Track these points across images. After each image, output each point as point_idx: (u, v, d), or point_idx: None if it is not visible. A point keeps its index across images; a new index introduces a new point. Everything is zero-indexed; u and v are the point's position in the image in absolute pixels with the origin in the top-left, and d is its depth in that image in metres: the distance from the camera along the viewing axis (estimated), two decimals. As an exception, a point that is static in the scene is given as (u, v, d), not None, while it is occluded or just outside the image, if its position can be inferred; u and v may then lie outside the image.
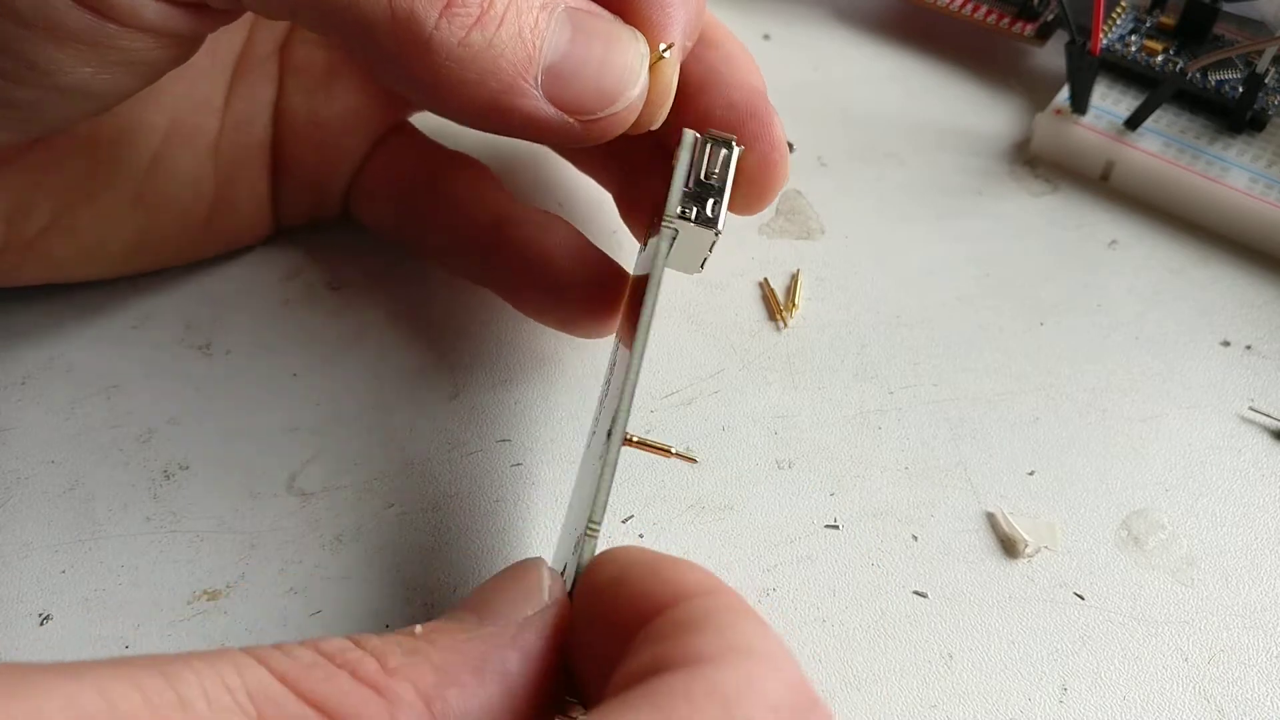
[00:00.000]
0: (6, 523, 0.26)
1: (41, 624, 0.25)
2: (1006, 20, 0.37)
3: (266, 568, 0.26)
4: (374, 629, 0.25)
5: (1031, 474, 0.28)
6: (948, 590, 0.26)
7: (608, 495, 0.20)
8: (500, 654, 0.17)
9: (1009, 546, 0.27)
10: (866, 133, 0.36)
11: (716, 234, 0.24)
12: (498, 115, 0.22)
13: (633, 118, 0.23)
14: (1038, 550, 0.27)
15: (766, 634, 0.16)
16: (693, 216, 0.23)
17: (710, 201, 0.24)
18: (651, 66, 0.23)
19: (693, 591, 0.17)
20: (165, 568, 0.26)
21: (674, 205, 0.23)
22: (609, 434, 0.21)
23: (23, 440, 0.28)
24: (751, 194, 0.26)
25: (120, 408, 0.29)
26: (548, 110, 0.22)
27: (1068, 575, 0.26)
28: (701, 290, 0.32)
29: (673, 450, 0.23)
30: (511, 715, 0.17)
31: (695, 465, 0.28)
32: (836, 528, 0.27)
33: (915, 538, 0.27)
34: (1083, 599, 0.26)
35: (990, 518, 0.27)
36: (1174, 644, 0.25)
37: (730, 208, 0.24)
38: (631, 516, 0.27)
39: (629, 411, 0.21)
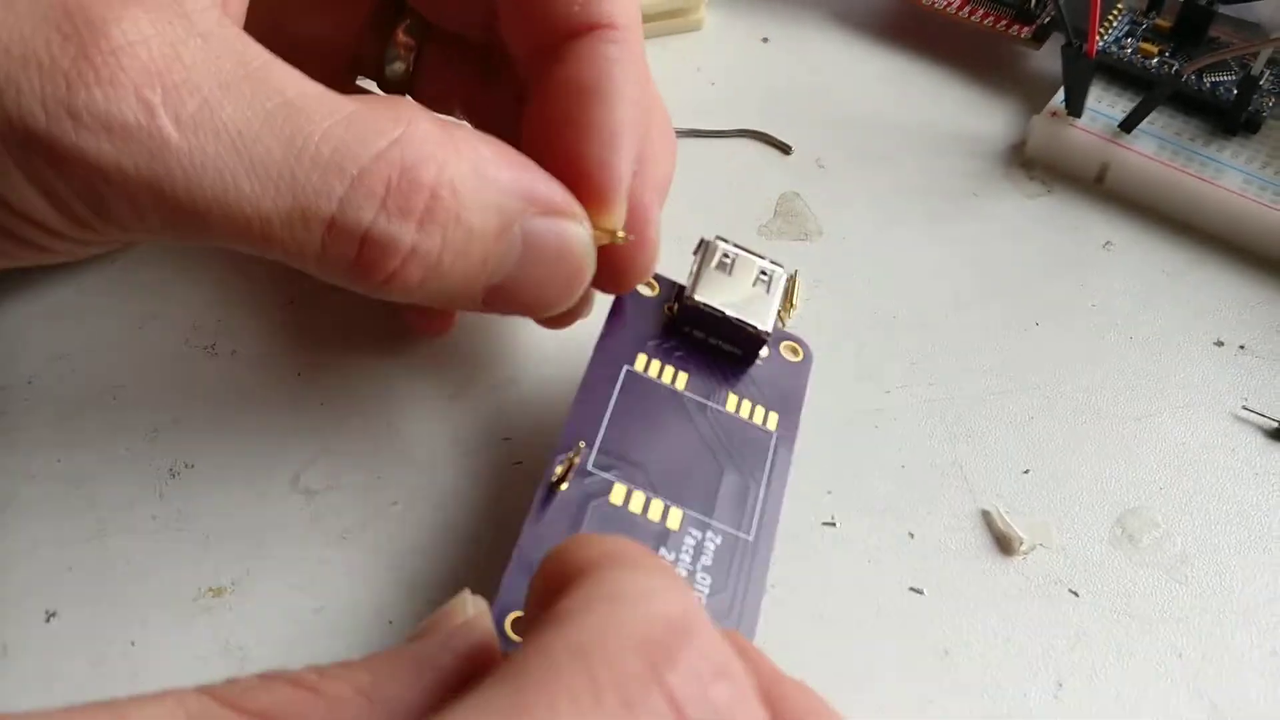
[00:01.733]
0: (13, 521, 0.27)
1: (48, 621, 0.25)
2: (1003, 23, 0.38)
3: (271, 565, 0.26)
4: (377, 626, 0.25)
5: (1027, 472, 0.28)
6: (944, 587, 0.26)
7: (522, 534, 0.23)
8: (433, 656, 0.17)
9: (1004, 544, 0.27)
10: (864, 135, 0.37)
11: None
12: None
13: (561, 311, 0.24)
14: (1033, 548, 0.27)
15: (645, 576, 0.16)
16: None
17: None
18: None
19: (589, 561, 0.17)
20: (170, 565, 0.26)
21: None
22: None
23: (29, 439, 0.28)
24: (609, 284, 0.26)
25: (126, 407, 0.29)
26: (479, 309, 0.23)
27: (1063, 572, 0.27)
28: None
29: (569, 457, 0.24)
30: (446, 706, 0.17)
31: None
32: (834, 525, 0.27)
33: (912, 535, 0.27)
34: (1077, 596, 0.26)
35: (986, 515, 0.28)
36: (1168, 641, 0.26)
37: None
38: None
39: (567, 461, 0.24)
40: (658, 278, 0.28)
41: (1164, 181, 0.34)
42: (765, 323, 0.27)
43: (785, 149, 0.36)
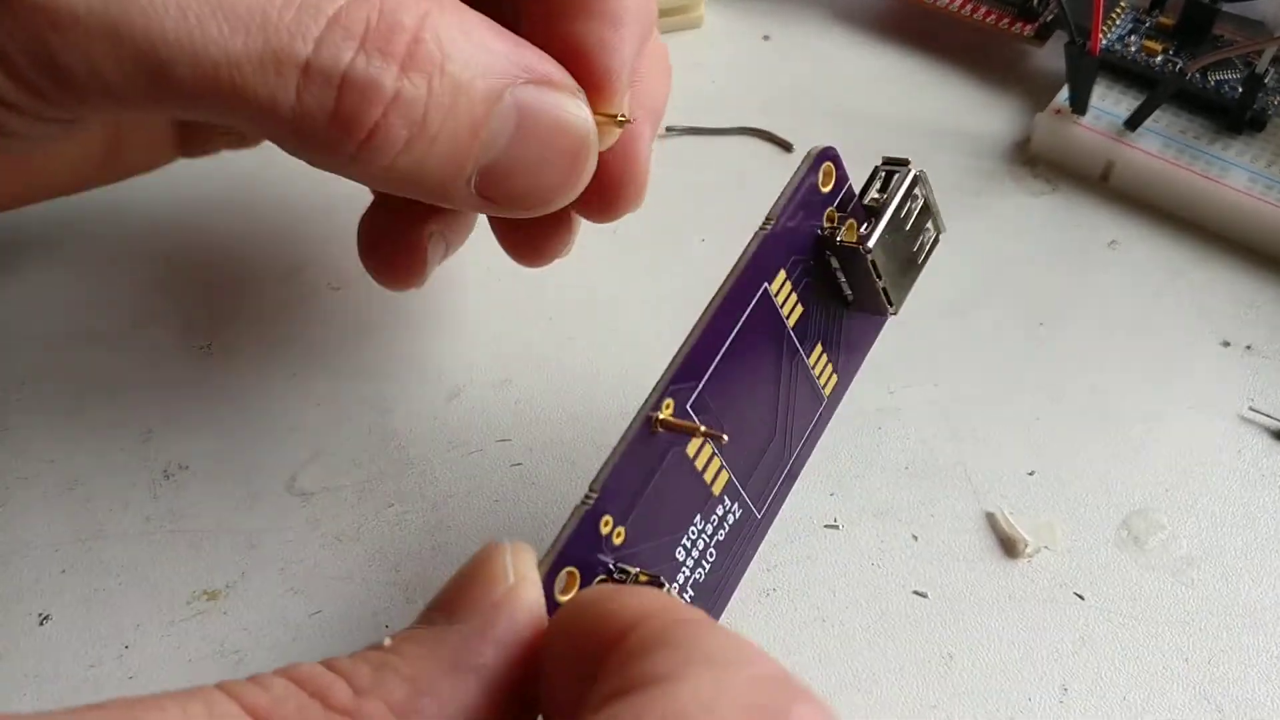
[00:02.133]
0: (6, 522, 0.26)
1: (41, 624, 0.25)
2: (1006, 20, 0.37)
3: (266, 567, 0.26)
4: (373, 629, 0.25)
5: (1031, 474, 0.28)
6: (948, 590, 0.26)
7: (612, 468, 0.20)
8: (473, 650, 0.16)
9: (1009, 546, 0.27)
10: (866, 133, 0.36)
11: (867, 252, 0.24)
12: (420, 199, 0.21)
13: (561, 206, 0.22)
14: (1038, 550, 0.27)
15: (732, 641, 0.15)
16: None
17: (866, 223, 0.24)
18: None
19: (643, 615, 0.16)
20: (165, 567, 0.26)
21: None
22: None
23: (23, 440, 0.28)
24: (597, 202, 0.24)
25: (120, 408, 0.29)
26: (473, 201, 0.20)
27: (1068, 575, 0.26)
28: (702, 291, 0.32)
29: (702, 429, 0.22)
30: (495, 708, 0.16)
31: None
32: (836, 527, 0.27)
33: (915, 537, 0.27)
34: (1083, 599, 0.26)
35: (990, 517, 0.27)
36: (1174, 644, 0.25)
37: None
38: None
39: (662, 391, 0.21)
40: (836, 162, 0.24)
41: (1169, 180, 0.33)
42: (899, 304, 0.25)
43: (786, 147, 0.36)
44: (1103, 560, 0.27)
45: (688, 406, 0.21)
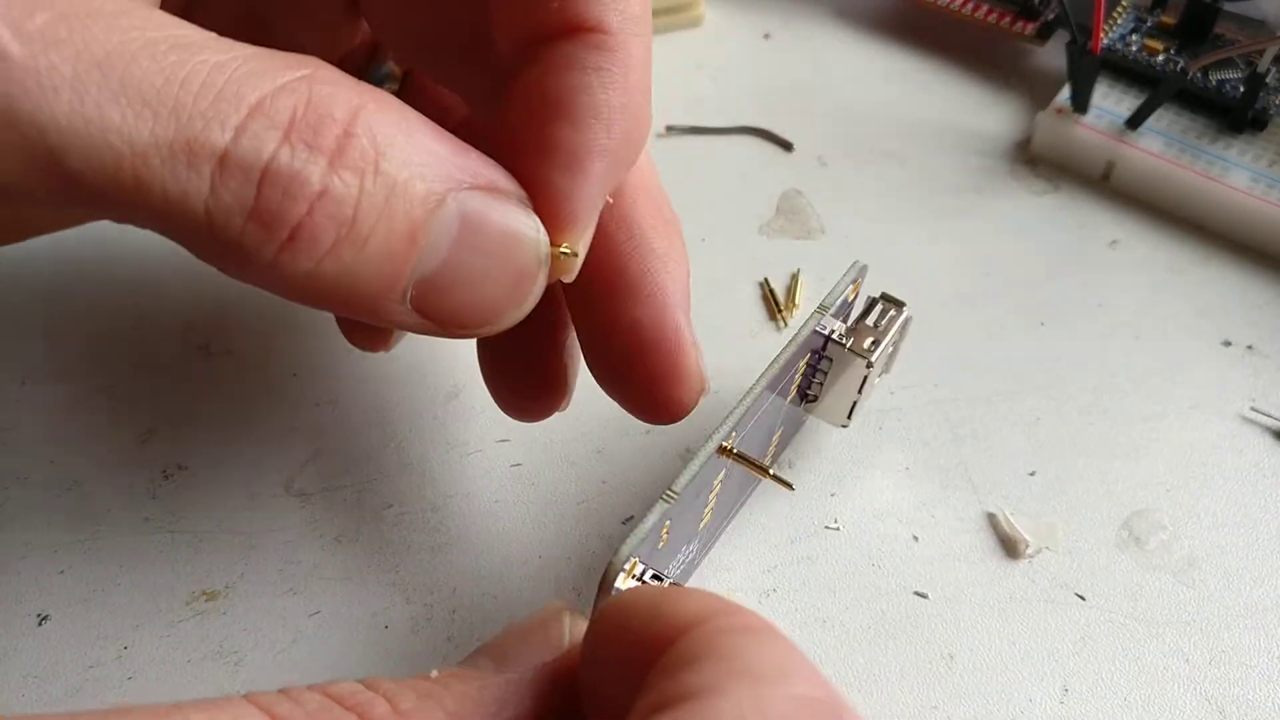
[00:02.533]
0: (5, 523, 0.26)
1: (40, 624, 0.25)
2: (1007, 19, 0.37)
3: (265, 568, 0.26)
4: (373, 629, 0.25)
5: (1032, 474, 0.28)
6: (948, 591, 0.26)
7: (691, 477, 0.22)
8: (516, 700, 0.17)
9: (1010, 547, 0.27)
10: (867, 132, 0.36)
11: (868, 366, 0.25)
12: (351, 316, 0.19)
13: (507, 326, 0.19)
14: (1039, 551, 0.27)
15: (775, 649, 0.15)
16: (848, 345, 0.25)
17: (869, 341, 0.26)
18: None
19: (694, 620, 0.15)
20: (164, 568, 0.26)
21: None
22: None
23: (22, 440, 0.28)
24: (646, 413, 0.23)
25: (119, 408, 0.29)
26: (410, 319, 0.18)
27: (1069, 576, 0.26)
28: (701, 290, 0.32)
29: (771, 472, 0.24)
30: None
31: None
32: (837, 528, 0.27)
33: (916, 538, 0.27)
34: (1084, 599, 0.26)
35: (991, 518, 0.27)
36: (1175, 645, 0.25)
37: (632, 410, 0.23)
38: (631, 517, 0.27)
39: (733, 425, 0.22)
40: (863, 278, 0.26)
41: (1170, 179, 0.33)
42: (840, 417, 0.27)
43: (787, 146, 0.36)
44: (1104, 561, 0.27)
45: (737, 447, 0.23)
